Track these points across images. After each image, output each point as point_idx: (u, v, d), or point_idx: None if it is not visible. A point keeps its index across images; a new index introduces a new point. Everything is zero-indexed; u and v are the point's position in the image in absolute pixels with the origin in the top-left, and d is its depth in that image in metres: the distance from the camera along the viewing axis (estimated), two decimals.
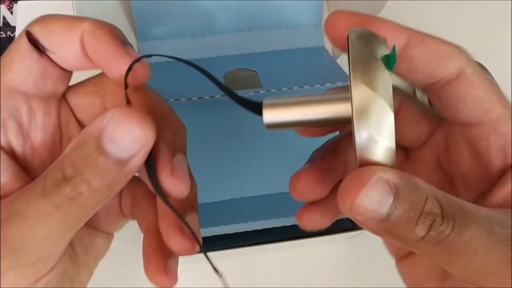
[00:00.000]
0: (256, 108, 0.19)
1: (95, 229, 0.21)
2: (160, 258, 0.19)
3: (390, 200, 0.15)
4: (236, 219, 0.33)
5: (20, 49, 0.18)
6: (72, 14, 0.31)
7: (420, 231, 0.15)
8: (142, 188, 0.21)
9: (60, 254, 0.18)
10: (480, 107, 0.18)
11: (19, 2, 0.48)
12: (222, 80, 0.37)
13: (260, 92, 0.35)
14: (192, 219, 0.20)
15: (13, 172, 0.18)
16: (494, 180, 0.18)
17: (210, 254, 0.36)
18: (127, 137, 0.16)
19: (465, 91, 0.18)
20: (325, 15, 0.42)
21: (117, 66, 0.18)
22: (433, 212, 0.15)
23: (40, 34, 0.18)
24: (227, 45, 0.41)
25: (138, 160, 0.16)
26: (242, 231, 0.33)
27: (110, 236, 0.22)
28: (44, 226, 0.16)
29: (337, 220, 0.22)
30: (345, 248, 0.40)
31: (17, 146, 0.19)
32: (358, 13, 0.19)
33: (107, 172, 0.16)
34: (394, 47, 0.16)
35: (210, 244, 0.34)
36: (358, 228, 0.34)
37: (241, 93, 0.35)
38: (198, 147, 0.34)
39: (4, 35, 0.49)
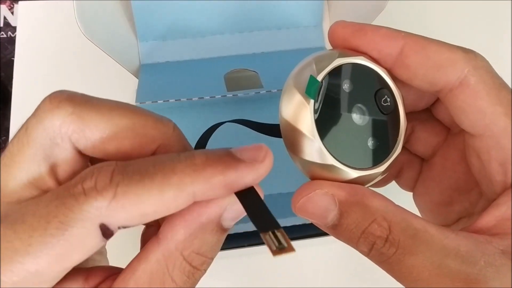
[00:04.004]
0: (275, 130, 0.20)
1: None
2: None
3: (333, 212, 0.17)
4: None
5: (87, 240, 0.15)
6: (72, 14, 0.31)
7: (363, 247, 0.17)
8: None
9: None
10: (482, 120, 0.17)
11: (20, 2, 0.48)
12: (222, 81, 0.37)
13: (261, 92, 0.35)
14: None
15: None
16: (497, 194, 0.18)
17: None
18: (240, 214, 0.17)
19: (466, 101, 0.17)
20: (326, 15, 0.42)
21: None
22: (376, 234, 0.16)
23: (127, 222, 0.15)
24: (228, 45, 0.41)
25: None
26: (242, 231, 0.33)
27: None
28: None
29: None
30: (345, 248, 0.40)
31: None
32: (352, 24, 0.19)
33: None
34: (310, 77, 0.17)
35: None
36: None
37: (242, 93, 0.35)
38: None
39: (4, 35, 0.49)
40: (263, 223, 0.16)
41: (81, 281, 0.16)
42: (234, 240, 0.34)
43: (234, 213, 0.17)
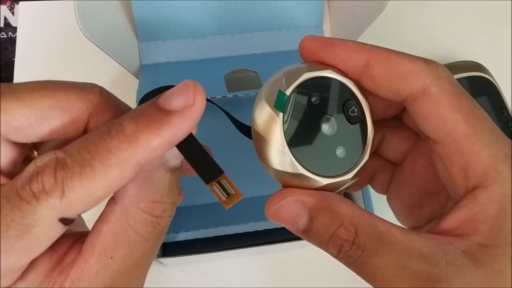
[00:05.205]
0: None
1: None
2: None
3: (303, 218, 0.18)
4: (237, 220, 0.33)
5: (50, 233, 0.16)
6: (72, 14, 0.31)
7: (332, 250, 0.18)
8: None
9: None
10: (444, 127, 0.18)
11: (20, 2, 0.48)
12: (223, 81, 0.37)
13: None
14: None
15: None
16: (461, 196, 0.18)
17: (210, 255, 0.36)
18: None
19: (429, 110, 0.18)
20: (326, 16, 0.42)
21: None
22: (343, 237, 0.17)
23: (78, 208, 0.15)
24: (228, 46, 0.41)
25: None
26: (243, 232, 0.33)
27: None
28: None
29: None
30: None
31: None
32: (320, 38, 0.20)
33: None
34: (278, 92, 0.18)
35: (211, 245, 0.34)
36: None
37: (242, 94, 0.35)
38: None
39: (5, 36, 0.49)
40: (208, 174, 0.17)
41: (48, 252, 0.17)
42: (234, 240, 0.34)
43: (173, 151, 0.17)
